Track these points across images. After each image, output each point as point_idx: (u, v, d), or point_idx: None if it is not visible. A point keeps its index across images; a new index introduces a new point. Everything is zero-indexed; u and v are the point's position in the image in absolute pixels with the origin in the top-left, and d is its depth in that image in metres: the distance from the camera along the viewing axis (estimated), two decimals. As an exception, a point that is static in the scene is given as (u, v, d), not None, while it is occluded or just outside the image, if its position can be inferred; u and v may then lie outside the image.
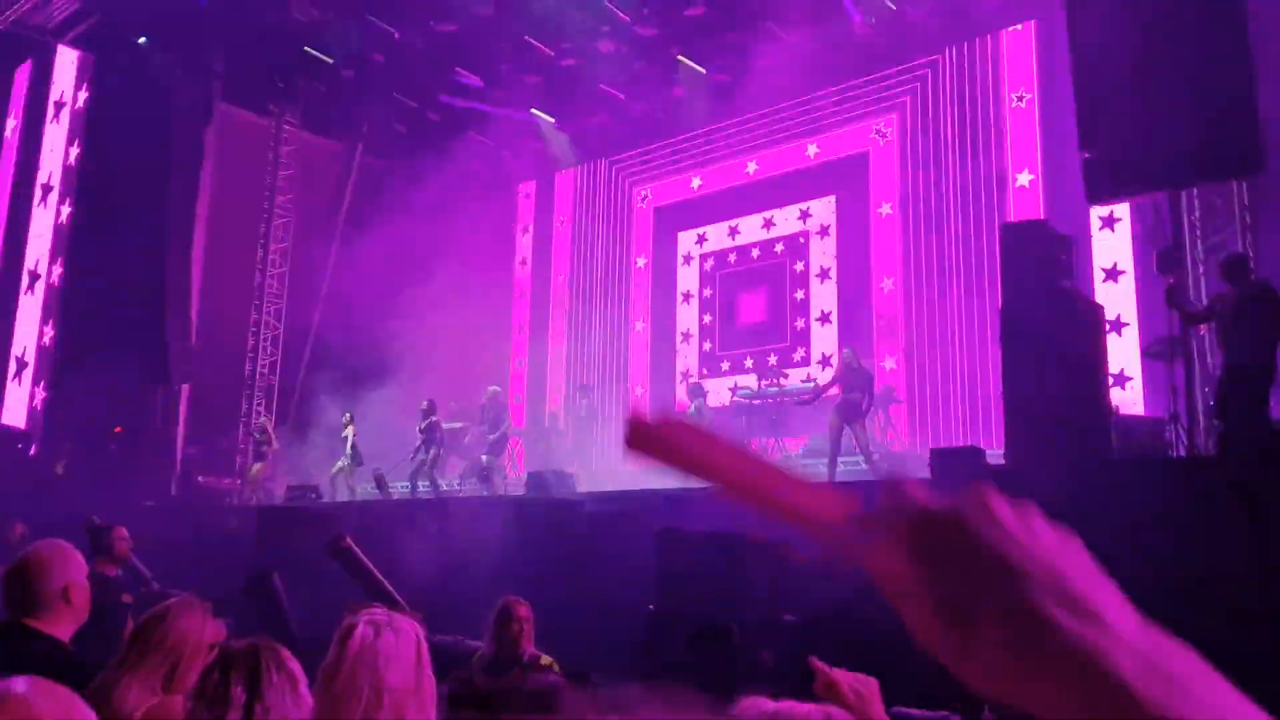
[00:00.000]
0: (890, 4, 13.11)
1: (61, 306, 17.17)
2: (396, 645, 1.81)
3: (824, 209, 14.98)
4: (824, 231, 14.94)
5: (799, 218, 15.22)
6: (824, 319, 14.66)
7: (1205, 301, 8.04)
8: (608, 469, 12.24)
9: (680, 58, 14.96)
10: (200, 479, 15.24)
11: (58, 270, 17.50)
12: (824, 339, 14.55)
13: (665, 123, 16.26)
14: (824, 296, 14.77)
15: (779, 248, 15.40)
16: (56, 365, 16.75)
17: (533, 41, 14.77)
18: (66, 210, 17.69)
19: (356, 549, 5.01)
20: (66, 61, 18.26)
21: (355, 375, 14.95)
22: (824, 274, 14.82)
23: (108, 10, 15.68)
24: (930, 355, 13.19)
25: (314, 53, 15.88)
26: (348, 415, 13.84)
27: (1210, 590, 4.99)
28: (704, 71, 15.16)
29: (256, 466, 14.38)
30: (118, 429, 15.49)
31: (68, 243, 17.46)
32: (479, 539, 8.70)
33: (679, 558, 6.09)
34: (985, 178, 13.16)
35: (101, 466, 14.52)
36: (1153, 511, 5.44)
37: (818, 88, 14.66)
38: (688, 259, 16.66)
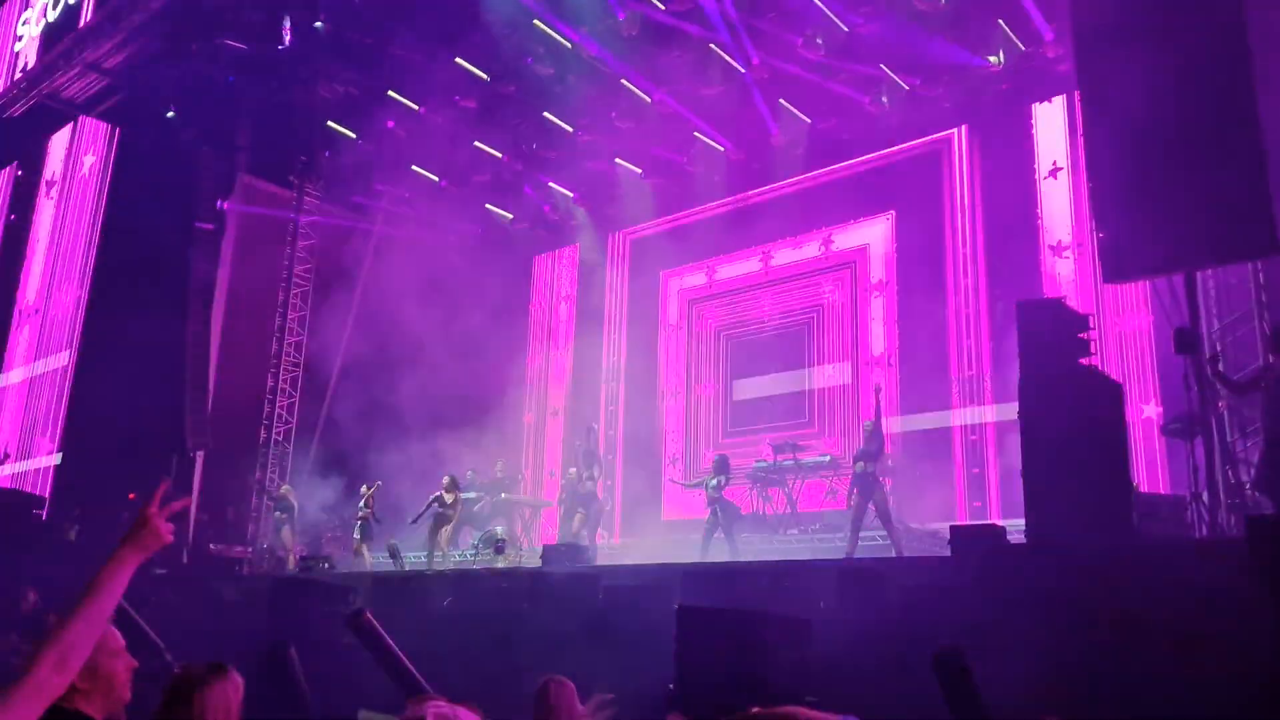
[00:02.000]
0: (903, 84, 13.34)
1: (78, 372, 17.34)
2: None
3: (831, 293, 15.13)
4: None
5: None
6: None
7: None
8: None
9: (697, 134, 15.23)
10: (212, 547, 15.19)
11: (76, 334, 17.71)
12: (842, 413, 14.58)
13: (682, 197, 16.49)
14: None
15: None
16: (71, 428, 16.86)
17: (551, 117, 15.07)
18: (88, 276, 17.98)
19: (376, 624, 4.97)
20: (93, 133, 18.71)
21: (371, 443, 14.98)
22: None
23: (137, 85, 16.08)
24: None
25: (336, 127, 16.22)
26: (375, 485, 13.79)
27: (1231, 670, 4.92)
28: (723, 149, 15.43)
29: (285, 531, 14.36)
30: (131, 495, 15.49)
31: (86, 308, 17.69)
32: (493, 612, 8.64)
33: (699, 636, 6.00)
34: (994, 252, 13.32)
35: (114, 533, 14.48)
36: (1177, 591, 5.39)
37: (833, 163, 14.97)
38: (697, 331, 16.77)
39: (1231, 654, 5.05)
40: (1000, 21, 12.27)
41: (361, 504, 13.59)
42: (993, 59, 12.63)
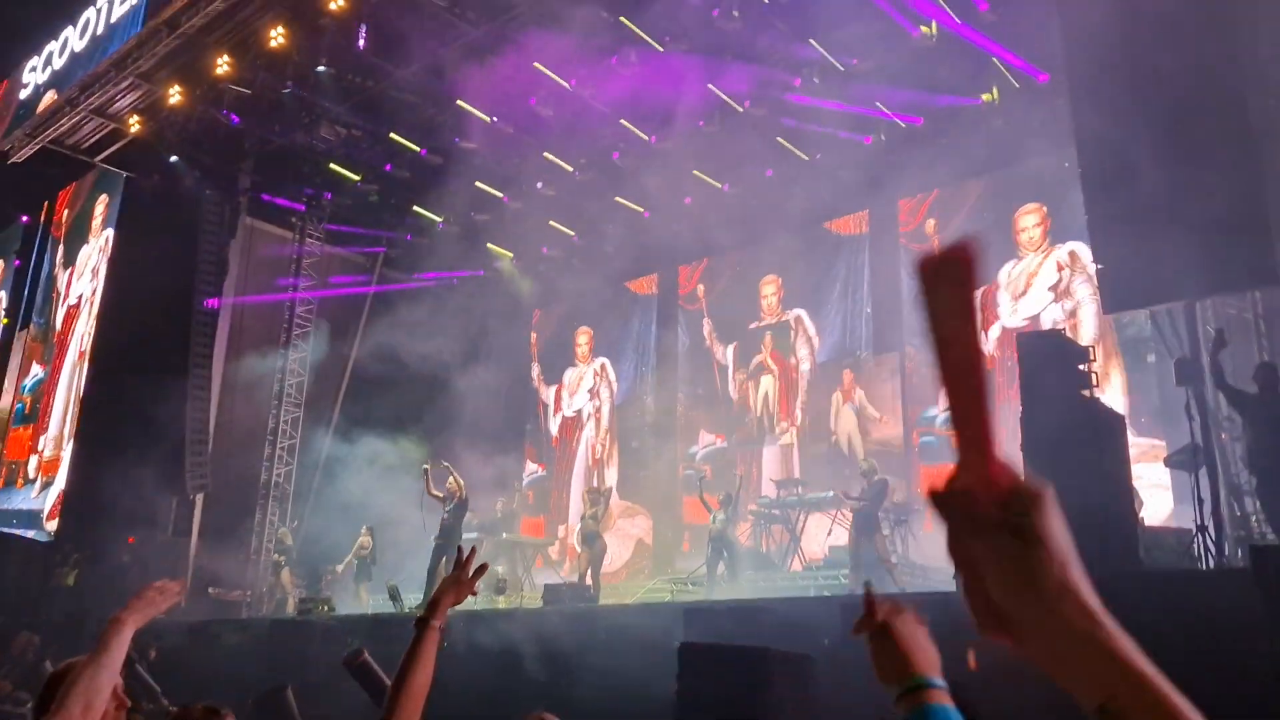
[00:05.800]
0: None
1: (82, 415, 17.34)
2: None
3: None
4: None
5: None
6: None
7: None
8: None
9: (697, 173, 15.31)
10: (211, 590, 15.07)
11: (83, 378, 17.75)
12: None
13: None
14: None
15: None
16: (73, 472, 16.82)
17: (551, 157, 15.14)
18: (92, 321, 18.04)
19: (374, 665, 4.90)
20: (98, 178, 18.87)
21: (371, 485, 14.90)
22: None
23: (143, 130, 16.22)
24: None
25: (339, 169, 16.33)
26: (366, 529, 13.80)
27: (1235, 694, 4.86)
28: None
29: (285, 573, 14.31)
30: (130, 539, 15.40)
31: (91, 351, 17.75)
32: (496, 651, 8.55)
33: (700, 672, 5.94)
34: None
35: (113, 577, 14.40)
36: (1184, 624, 5.32)
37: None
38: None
39: (1236, 679, 4.99)
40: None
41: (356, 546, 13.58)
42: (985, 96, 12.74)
